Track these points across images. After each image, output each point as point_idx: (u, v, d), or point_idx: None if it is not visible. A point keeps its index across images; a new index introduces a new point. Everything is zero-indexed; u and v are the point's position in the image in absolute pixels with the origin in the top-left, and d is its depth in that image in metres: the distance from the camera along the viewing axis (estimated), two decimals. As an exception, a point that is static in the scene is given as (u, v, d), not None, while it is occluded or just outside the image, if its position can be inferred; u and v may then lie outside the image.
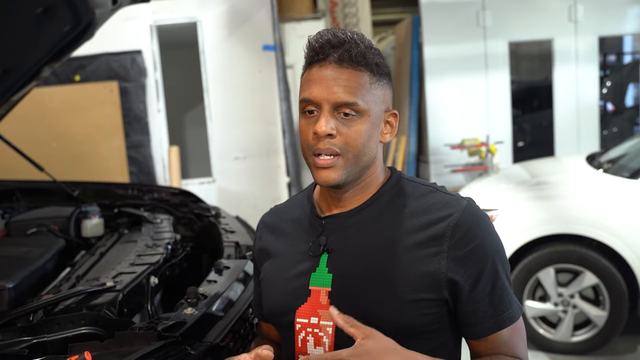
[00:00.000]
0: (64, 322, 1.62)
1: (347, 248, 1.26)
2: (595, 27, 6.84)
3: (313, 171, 1.24)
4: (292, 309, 1.28)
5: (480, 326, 1.22)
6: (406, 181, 1.31)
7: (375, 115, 1.23)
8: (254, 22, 5.18)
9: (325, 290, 1.25)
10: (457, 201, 1.24)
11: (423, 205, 1.25)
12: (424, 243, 1.21)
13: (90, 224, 2.84)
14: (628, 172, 4.20)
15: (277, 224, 1.41)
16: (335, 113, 1.21)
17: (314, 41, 1.24)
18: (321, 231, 1.30)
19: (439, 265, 1.18)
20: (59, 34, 2.51)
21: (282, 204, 1.48)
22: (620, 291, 3.92)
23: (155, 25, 5.12)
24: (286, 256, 1.34)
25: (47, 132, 5.05)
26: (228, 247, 2.26)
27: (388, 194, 1.29)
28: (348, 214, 1.28)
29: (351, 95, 1.19)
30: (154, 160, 5.24)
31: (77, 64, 5.04)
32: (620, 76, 7.92)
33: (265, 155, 5.18)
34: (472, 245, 1.19)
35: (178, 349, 1.40)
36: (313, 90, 1.21)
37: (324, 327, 1.24)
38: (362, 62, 1.21)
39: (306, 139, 1.23)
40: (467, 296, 1.20)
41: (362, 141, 1.21)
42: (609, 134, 7.46)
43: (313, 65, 1.24)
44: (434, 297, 1.19)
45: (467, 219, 1.21)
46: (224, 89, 5.19)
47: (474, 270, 1.19)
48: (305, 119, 1.24)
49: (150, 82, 5.17)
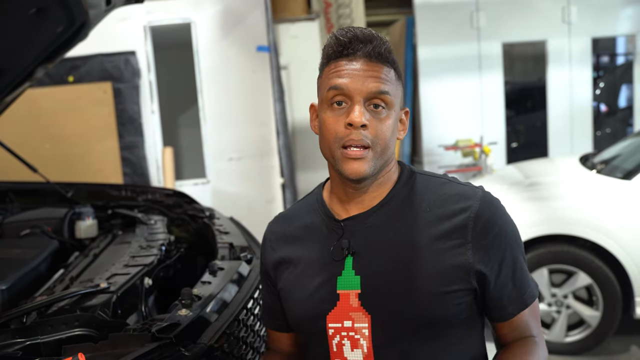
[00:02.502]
0: (57, 324, 1.62)
1: (371, 248, 1.26)
2: (588, 28, 6.86)
3: (341, 164, 1.23)
4: (321, 315, 1.27)
5: (507, 309, 1.27)
6: (418, 175, 1.33)
7: (397, 111, 1.26)
8: (248, 23, 5.18)
9: (354, 293, 1.25)
10: (473, 191, 1.27)
11: (440, 198, 1.27)
12: (447, 235, 1.23)
13: (84, 225, 2.83)
14: (621, 172, 4.22)
15: (289, 232, 1.40)
16: (365, 105, 1.22)
17: (342, 35, 1.25)
18: (341, 234, 1.29)
19: (466, 255, 1.21)
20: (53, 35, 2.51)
21: (287, 212, 1.47)
22: (613, 292, 3.93)
23: (149, 26, 5.12)
24: (306, 263, 1.33)
25: (40, 133, 5.04)
26: (222, 248, 2.26)
27: (404, 189, 1.30)
28: (366, 214, 1.29)
29: (384, 86, 1.21)
30: (147, 161, 5.23)
31: (71, 64, 5.03)
32: (613, 77, 7.94)
33: (259, 156, 5.18)
34: (494, 233, 1.23)
35: (172, 350, 1.40)
36: (345, 81, 1.22)
37: (359, 330, 1.24)
38: (389, 59, 1.24)
39: (334, 130, 1.23)
40: (494, 282, 1.24)
41: (389, 135, 1.23)
42: (602, 135, 7.49)
43: (341, 58, 1.24)
44: (464, 287, 1.22)
45: (486, 208, 1.25)
46: (218, 89, 5.19)
47: (497, 256, 1.24)
48: (332, 111, 1.24)
49: (144, 83, 5.16)
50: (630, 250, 3.87)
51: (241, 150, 5.20)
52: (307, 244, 1.35)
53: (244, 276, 1.99)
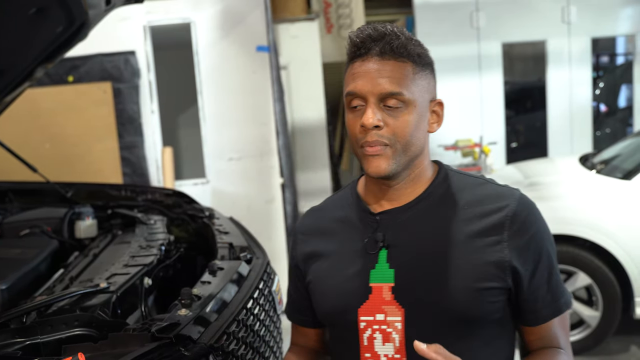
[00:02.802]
0: (57, 324, 1.62)
1: (406, 242, 1.26)
2: (588, 28, 6.86)
3: (364, 162, 1.24)
4: (353, 307, 1.27)
5: (539, 312, 1.26)
6: (455, 174, 1.33)
7: (421, 105, 1.24)
8: (247, 23, 5.17)
9: (388, 286, 1.24)
10: (511, 192, 1.27)
11: (477, 197, 1.27)
12: (483, 232, 1.23)
13: (83, 225, 2.83)
14: (621, 172, 4.22)
15: (322, 225, 1.40)
16: (381, 105, 1.21)
17: (355, 36, 1.24)
18: (376, 227, 1.29)
19: (502, 254, 1.21)
20: (52, 35, 2.51)
21: (320, 205, 1.47)
22: (613, 292, 3.93)
23: (148, 26, 5.11)
24: (338, 256, 1.33)
25: (40, 133, 5.03)
26: (222, 248, 2.26)
27: (441, 187, 1.30)
28: (402, 209, 1.29)
29: (396, 85, 1.20)
30: (147, 161, 5.22)
31: (71, 64, 5.02)
32: (613, 77, 7.95)
33: (259, 156, 5.17)
34: (530, 234, 1.23)
35: (172, 350, 1.40)
36: (357, 83, 1.22)
37: (392, 323, 1.24)
38: (404, 53, 1.22)
39: (354, 132, 1.24)
40: (528, 284, 1.23)
41: (410, 131, 1.22)
42: (602, 135, 7.49)
43: (355, 60, 1.24)
44: (499, 285, 1.21)
45: (523, 209, 1.24)
46: (218, 89, 5.18)
47: (532, 258, 1.23)
48: (352, 114, 1.25)
49: (143, 83, 5.15)
50: (629, 251, 3.87)
51: (241, 150, 5.20)
52: (340, 237, 1.34)
53: (244, 276, 1.99)
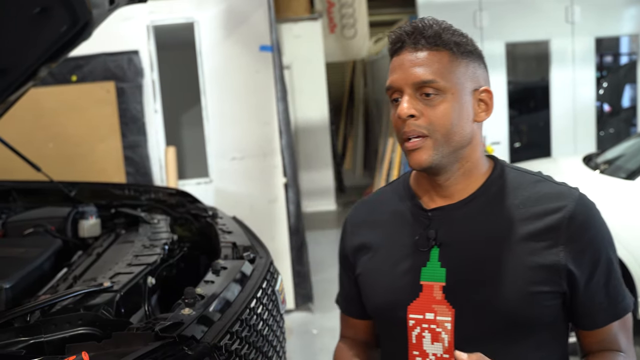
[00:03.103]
0: (61, 323, 1.62)
1: (459, 241, 1.23)
2: (591, 28, 6.85)
3: (406, 156, 1.23)
4: (403, 304, 1.25)
5: (596, 317, 1.22)
6: (512, 170, 1.29)
7: (461, 93, 1.21)
8: (251, 23, 5.17)
9: (439, 285, 1.22)
10: (570, 191, 1.23)
11: (534, 196, 1.23)
12: (539, 234, 1.19)
13: (87, 225, 2.83)
14: (625, 173, 4.21)
15: (373, 217, 1.38)
16: (417, 95, 1.20)
17: (392, 34, 1.25)
18: (428, 224, 1.26)
19: (558, 257, 1.17)
20: (56, 34, 2.51)
21: (371, 197, 1.45)
22: (616, 292, 3.92)
23: (152, 26, 5.12)
24: (388, 250, 1.31)
25: (43, 132, 5.04)
26: (225, 247, 2.26)
27: (496, 184, 1.26)
28: (456, 206, 1.26)
29: (429, 73, 1.18)
30: (150, 160, 5.23)
31: (74, 64, 5.03)
32: (616, 77, 7.93)
33: (262, 156, 5.18)
34: (587, 237, 1.19)
35: (175, 350, 1.40)
36: (393, 77, 1.22)
37: (441, 323, 1.22)
38: (438, 41, 1.21)
39: (395, 125, 1.23)
40: (584, 287, 1.19)
41: (450, 120, 1.19)
42: (606, 135, 7.48)
43: (393, 56, 1.25)
44: (554, 289, 1.18)
45: (582, 210, 1.20)
46: (221, 89, 5.19)
47: (590, 261, 1.19)
48: (393, 107, 1.24)
49: (147, 83, 5.16)
50: (633, 251, 3.86)
51: (244, 150, 5.20)
52: (391, 231, 1.32)
53: (247, 275, 1.99)
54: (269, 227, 5.07)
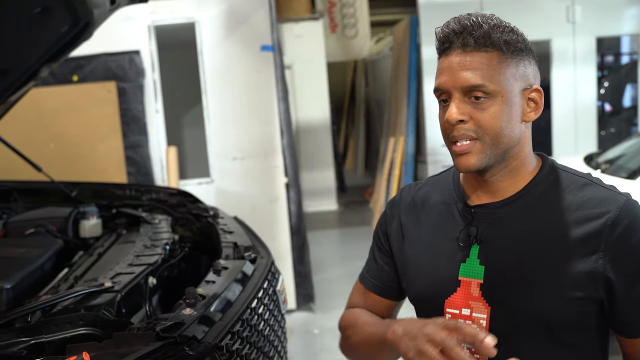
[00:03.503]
0: (62, 323, 1.62)
1: (499, 240, 1.23)
2: (593, 27, 6.84)
3: (453, 158, 1.23)
4: (441, 297, 1.27)
5: (635, 325, 1.20)
6: (560, 171, 1.28)
7: (510, 95, 1.20)
8: (252, 23, 5.17)
9: (476, 282, 1.23)
10: (615, 197, 1.20)
11: (579, 199, 1.21)
12: (581, 240, 1.18)
13: (88, 225, 2.84)
14: (626, 172, 4.21)
15: (419, 204, 1.39)
16: (465, 98, 1.19)
17: (439, 32, 1.25)
18: (470, 220, 1.27)
19: (596, 264, 1.16)
20: (57, 34, 2.51)
21: (420, 183, 1.45)
22: (618, 291, 3.92)
23: (153, 26, 5.12)
24: (430, 240, 1.32)
25: (44, 132, 5.04)
26: (226, 247, 2.26)
27: (542, 184, 1.26)
28: (499, 204, 1.25)
29: (478, 77, 1.17)
30: (152, 160, 5.23)
31: (75, 64, 5.03)
32: (618, 77, 7.93)
33: (263, 156, 5.18)
34: (630, 245, 1.16)
35: (176, 350, 1.41)
36: (441, 79, 1.21)
37: (477, 320, 1.23)
38: (487, 42, 1.19)
39: (443, 127, 1.23)
40: (624, 296, 1.17)
41: (499, 123, 1.19)
42: (607, 135, 7.47)
43: (441, 55, 1.24)
44: (590, 295, 1.17)
45: (625, 217, 1.17)
46: (222, 89, 5.19)
47: (631, 269, 1.17)
48: (441, 109, 1.24)
49: (148, 83, 5.16)
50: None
51: (245, 150, 5.20)
52: (435, 222, 1.33)
53: (248, 275, 1.99)
54: (270, 227, 5.07)
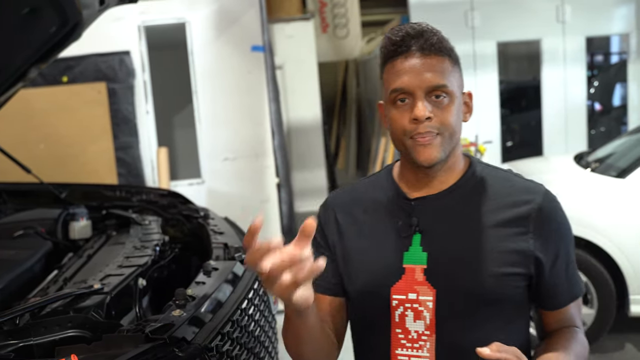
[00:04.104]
0: (50, 325, 1.61)
1: (439, 228, 1.34)
2: (582, 27, 6.87)
3: (414, 153, 1.30)
4: (386, 286, 1.34)
5: (557, 299, 1.36)
6: (485, 167, 1.42)
7: (458, 96, 1.32)
8: (242, 23, 5.17)
9: (420, 268, 1.32)
10: (538, 187, 1.37)
11: (506, 189, 1.36)
12: (511, 222, 1.32)
13: (77, 226, 2.82)
14: (615, 171, 4.23)
15: (356, 203, 1.45)
16: (427, 97, 1.28)
17: (393, 35, 1.31)
18: (410, 212, 1.36)
19: (527, 243, 1.30)
20: (46, 35, 2.50)
21: (355, 186, 1.52)
22: (608, 290, 3.94)
23: (143, 26, 5.10)
24: (371, 235, 1.39)
25: (34, 133, 5.02)
26: (217, 248, 2.26)
27: (473, 177, 1.38)
28: (437, 196, 1.36)
29: (441, 78, 1.28)
30: (142, 161, 5.22)
31: (65, 65, 5.01)
32: (607, 76, 7.96)
33: (254, 156, 5.17)
34: (553, 227, 1.33)
35: (166, 351, 1.40)
36: (404, 79, 1.28)
37: (423, 302, 1.31)
38: (442, 48, 1.30)
39: (402, 126, 1.30)
40: (548, 272, 1.33)
41: (455, 120, 1.30)
42: (597, 134, 7.50)
43: (396, 57, 1.30)
44: (523, 271, 1.30)
45: (548, 203, 1.34)
46: (213, 90, 5.18)
47: (554, 248, 1.33)
48: (397, 109, 1.30)
49: (138, 83, 5.15)
50: (624, 249, 3.88)
51: (236, 151, 5.20)
52: (375, 217, 1.40)
53: (239, 276, 1.99)
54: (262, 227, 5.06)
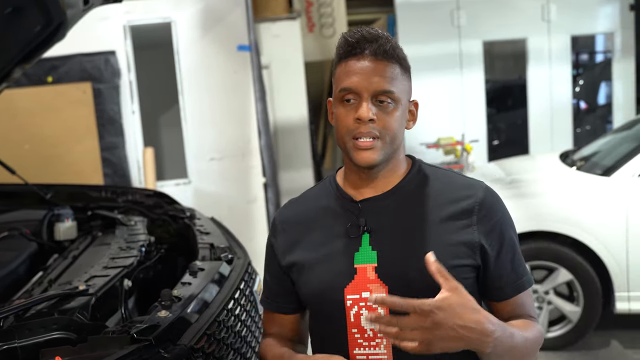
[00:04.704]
0: (35, 327, 1.60)
1: (387, 226, 1.38)
2: (567, 26, 6.91)
3: (353, 153, 1.35)
4: (339, 287, 1.37)
5: (504, 290, 1.40)
6: (427, 166, 1.47)
7: (404, 104, 1.37)
8: (228, 22, 5.15)
9: (371, 267, 1.36)
10: (478, 182, 1.43)
11: (448, 186, 1.42)
12: (455, 216, 1.37)
13: (63, 227, 2.80)
14: (600, 169, 4.26)
15: (303, 214, 1.48)
16: (372, 100, 1.33)
17: (350, 37, 1.36)
18: (357, 214, 1.40)
19: (472, 235, 1.36)
20: (30, 35, 2.48)
21: (299, 197, 1.56)
22: (593, 287, 3.97)
23: (128, 26, 5.08)
24: (321, 241, 1.42)
25: (19, 134, 4.98)
26: (203, 248, 2.25)
27: (416, 177, 1.43)
28: (382, 197, 1.41)
29: (389, 84, 1.32)
30: (128, 162, 5.19)
31: (50, 65, 4.97)
32: (592, 75, 8.01)
33: (240, 156, 5.16)
34: (495, 219, 1.39)
35: (152, 352, 1.40)
36: (353, 80, 1.33)
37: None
38: (394, 55, 1.34)
39: (346, 124, 1.35)
40: (494, 263, 1.38)
41: (397, 126, 1.35)
42: (582, 132, 7.55)
43: (350, 58, 1.35)
44: (471, 263, 1.36)
45: (489, 197, 1.41)
46: (199, 89, 5.16)
47: (497, 240, 1.38)
48: (343, 107, 1.36)
49: (124, 83, 5.12)
50: (610, 246, 3.91)
51: (222, 150, 5.18)
52: (323, 224, 1.44)
53: (225, 276, 1.98)
54: (249, 227, 5.06)
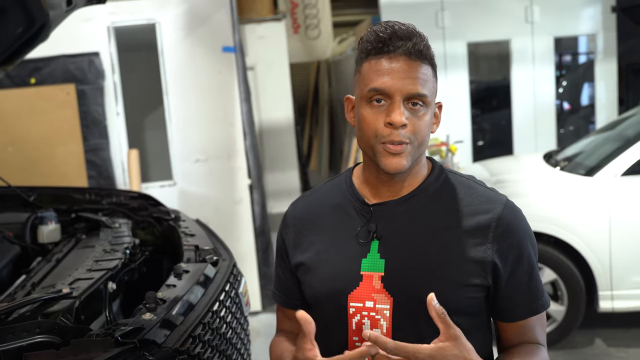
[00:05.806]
0: (18, 331, 1.59)
1: (398, 234, 1.30)
2: (551, 28, 6.96)
3: (381, 158, 1.26)
4: (344, 293, 1.30)
5: (515, 311, 1.32)
6: (449, 172, 1.38)
7: (432, 107, 1.29)
8: (213, 23, 5.14)
9: (378, 275, 1.29)
10: (498, 196, 1.34)
11: (467, 196, 1.32)
12: (470, 232, 1.28)
13: (46, 230, 2.78)
14: (584, 169, 4.29)
15: (315, 211, 1.42)
16: (404, 103, 1.23)
17: (381, 32, 1.25)
18: (369, 218, 1.32)
19: (485, 254, 1.27)
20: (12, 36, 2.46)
21: (312, 192, 1.49)
22: (577, 286, 4.00)
23: (112, 27, 5.05)
24: (330, 242, 1.36)
25: (2, 136, 4.94)
26: (188, 250, 2.24)
27: (434, 184, 1.34)
28: (397, 202, 1.32)
29: (423, 87, 1.24)
30: (113, 164, 5.16)
31: (33, 66, 4.93)
32: (575, 76, 8.07)
33: (226, 157, 5.14)
34: (513, 238, 1.29)
35: (136, 355, 1.39)
36: (385, 80, 1.23)
37: (380, 310, 1.28)
38: (427, 55, 1.26)
39: (373, 127, 1.25)
40: (506, 283, 1.29)
41: (426, 131, 1.27)
42: (566, 133, 7.61)
43: (381, 55, 1.25)
44: (480, 282, 1.27)
45: (508, 213, 1.30)
46: (184, 90, 5.14)
47: (513, 260, 1.29)
48: (371, 108, 1.25)
49: (108, 85, 5.09)
50: (593, 246, 3.94)
51: (208, 152, 5.17)
52: (333, 223, 1.37)
53: (210, 278, 1.98)
54: (235, 228, 5.04)
